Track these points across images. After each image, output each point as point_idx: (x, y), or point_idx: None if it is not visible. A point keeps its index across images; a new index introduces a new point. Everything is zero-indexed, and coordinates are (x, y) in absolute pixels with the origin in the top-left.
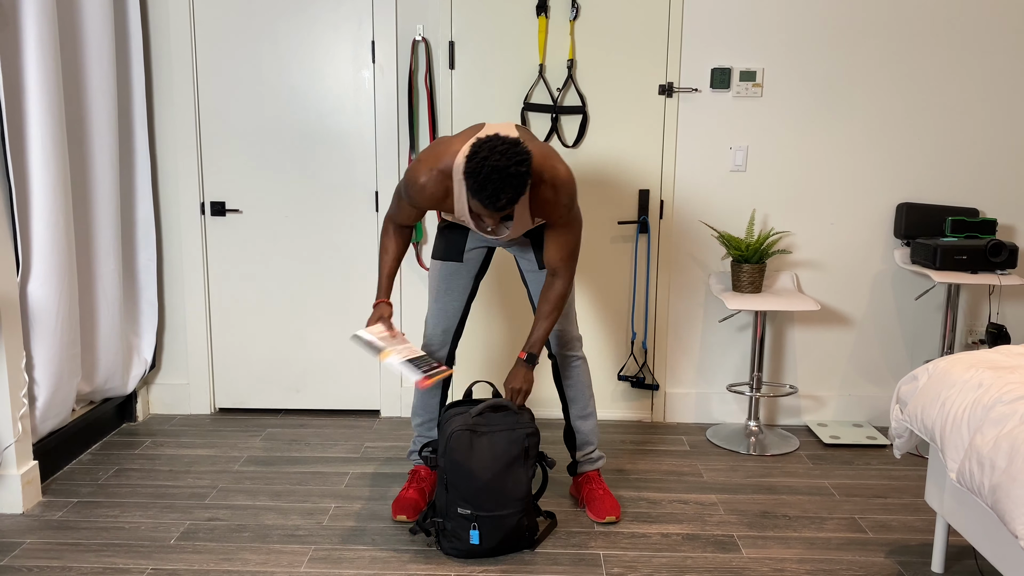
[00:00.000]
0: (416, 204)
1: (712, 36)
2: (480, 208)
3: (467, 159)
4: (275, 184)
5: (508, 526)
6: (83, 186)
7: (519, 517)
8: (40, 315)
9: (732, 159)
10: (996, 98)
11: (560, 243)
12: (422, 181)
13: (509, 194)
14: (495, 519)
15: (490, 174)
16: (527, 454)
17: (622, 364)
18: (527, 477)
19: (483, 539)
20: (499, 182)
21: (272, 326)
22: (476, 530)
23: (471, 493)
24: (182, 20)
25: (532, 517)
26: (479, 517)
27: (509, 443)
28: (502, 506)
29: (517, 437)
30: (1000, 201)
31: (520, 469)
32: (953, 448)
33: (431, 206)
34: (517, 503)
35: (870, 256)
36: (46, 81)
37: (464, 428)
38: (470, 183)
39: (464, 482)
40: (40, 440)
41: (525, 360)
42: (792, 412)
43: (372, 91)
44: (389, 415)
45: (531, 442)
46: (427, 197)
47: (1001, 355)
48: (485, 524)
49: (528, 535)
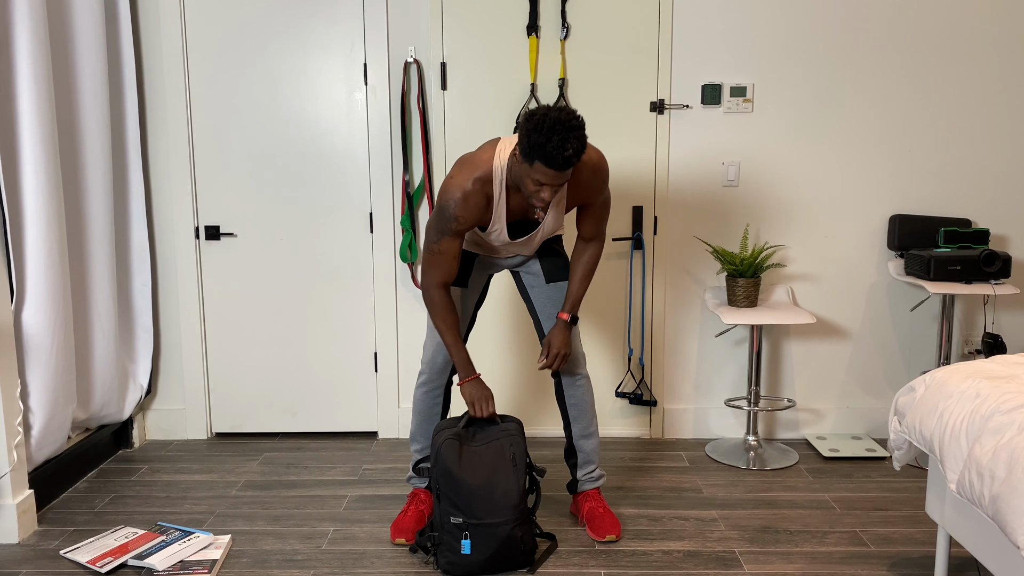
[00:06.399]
0: (463, 224)
1: (702, 53)
2: (543, 171)
3: (525, 119)
4: (270, 207)
5: (501, 536)
6: (77, 212)
7: (512, 527)
8: (35, 343)
9: (724, 174)
10: (985, 109)
11: (596, 218)
12: (464, 192)
13: (575, 145)
14: (487, 528)
15: (553, 125)
16: (515, 461)
17: (620, 381)
18: (518, 485)
19: (474, 549)
20: (563, 133)
21: (268, 349)
22: (467, 539)
23: (462, 501)
24: (175, 45)
25: (529, 533)
26: (470, 525)
27: (495, 450)
28: (493, 514)
29: (503, 445)
30: (992, 211)
31: (509, 477)
32: (952, 459)
33: (476, 219)
34: (508, 511)
35: (864, 268)
36: (39, 108)
37: (453, 437)
38: (534, 139)
39: (454, 490)
40: (36, 468)
41: (568, 322)
42: (791, 426)
43: (365, 113)
44: (387, 436)
45: (517, 450)
46: (472, 208)
47: (997, 365)
48: (477, 533)
49: (525, 553)
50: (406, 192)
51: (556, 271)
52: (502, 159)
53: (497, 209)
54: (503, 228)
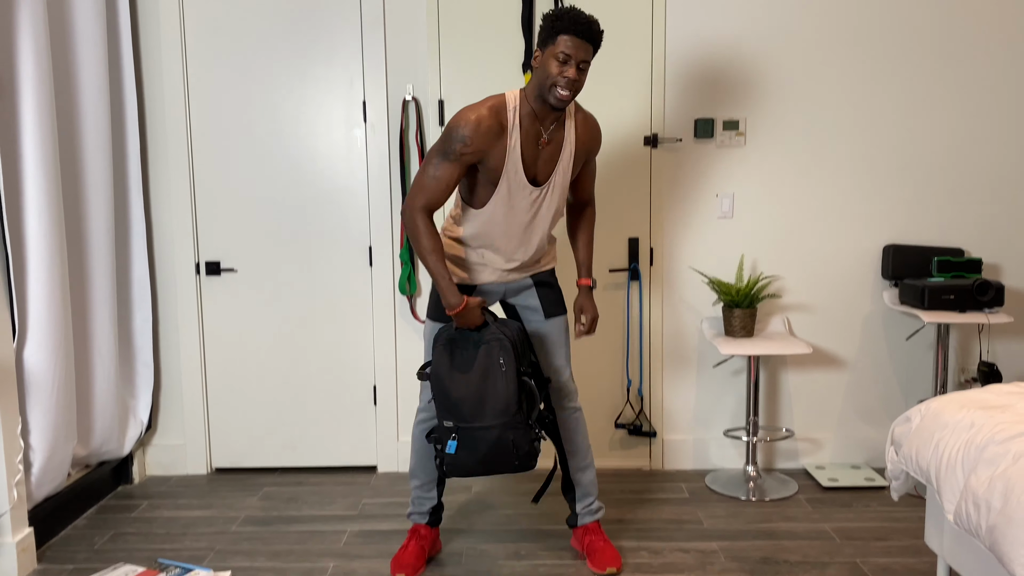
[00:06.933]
0: (470, 147)
1: (694, 88)
2: (566, 43)
3: (543, 19)
4: (270, 242)
5: (489, 439)
6: (79, 248)
7: (500, 431)
8: (36, 380)
9: (719, 206)
10: (975, 139)
11: (591, 174)
12: (478, 116)
13: (594, 19)
14: (475, 431)
15: (571, 9)
16: (503, 366)
17: (619, 411)
18: (507, 390)
19: (463, 450)
20: (581, 12)
21: (267, 383)
22: (454, 440)
23: (451, 405)
24: (176, 81)
25: (524, 438)
26: (460, 429)
27: (484, 353)
28: (479, 418)
29: (492, 348)
30: (984, 240)
31: (498, 381)
32: (949, 490)
33: (486, 145)
34: (495, 416)
35: (859, 298)
36: (43, 148)
37: (447, 341)
38: (554, 18)
39: (444, 395)
40: (35, 506)
41: (591, 287)
42: (790, 455)
43: (364, 149)
44: (386, 470)
45: (505, 355)
46: (484, 132)
47: (992, 394)
48: (466, 436)
49: (522, 457)
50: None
51: (553, 306)
52: (514, 94)
53: (512, 138)
54: (519, 165)
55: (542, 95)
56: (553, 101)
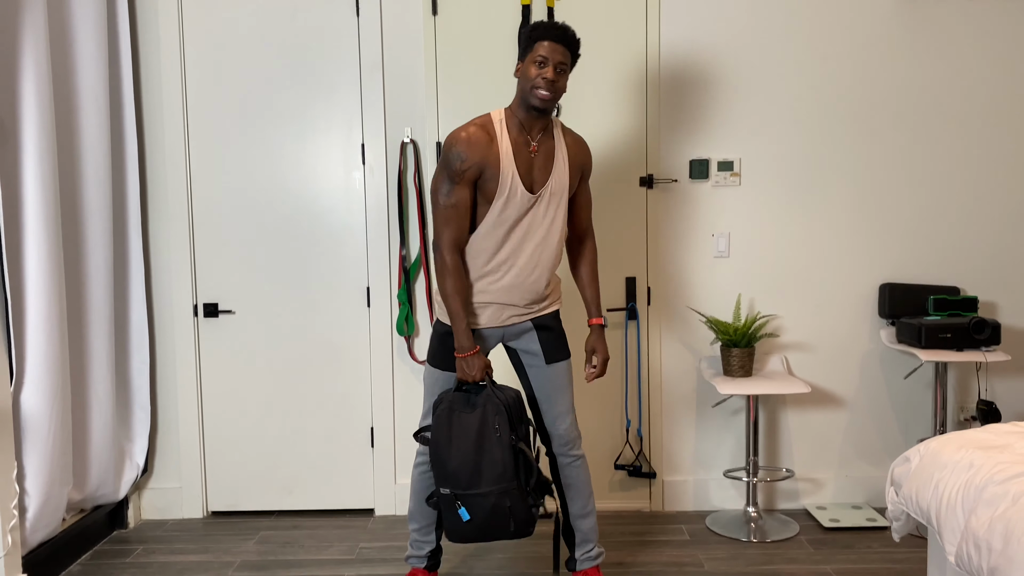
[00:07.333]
0: (469, 163)
1: (688, 129)
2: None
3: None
4: (268, 284)
5: (486, 506)
6: (78, 291)
7: (497, 498)
8: (33, 424)
9: (715, 246)
10: (970, 178)
11: (587, 202)
12: (467, 134)
13: (567, 25)
14: (471, 498)
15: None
16: (498, 432)
17: (618, 452)
18: (502, 456)
19: (457, 516)
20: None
21: (264, 425)
22: (463, 508)
23: (448, 474)
24: (176, 125)
25: (521, 503)
26: (458, 495)
27: (479, 417)
28: (476, 484)
29: (487, 412)
30: (979, 278)
31: (494, 447)
32: (950, 531)
33: (481, 155)
34: (494, 482)
35: (857, 336)
36: (43, 191)
37: (448, 406)
38: (530, 31)
39: (441, 464)
40: (30, 552)
41: (602, 326)
42: (790, 496)
43: (363, 191)
44: (384, 513)
45: (501, 420)
46: (475, 144)
47: (991, 434)
48: (466, 502)
49: (519, 524)
50: (403, 266)
51: (556, 352)
52: (500, 111)
53: (502, 144)
54: (513, 168)
55: (525, 100)
56: (535, 102)
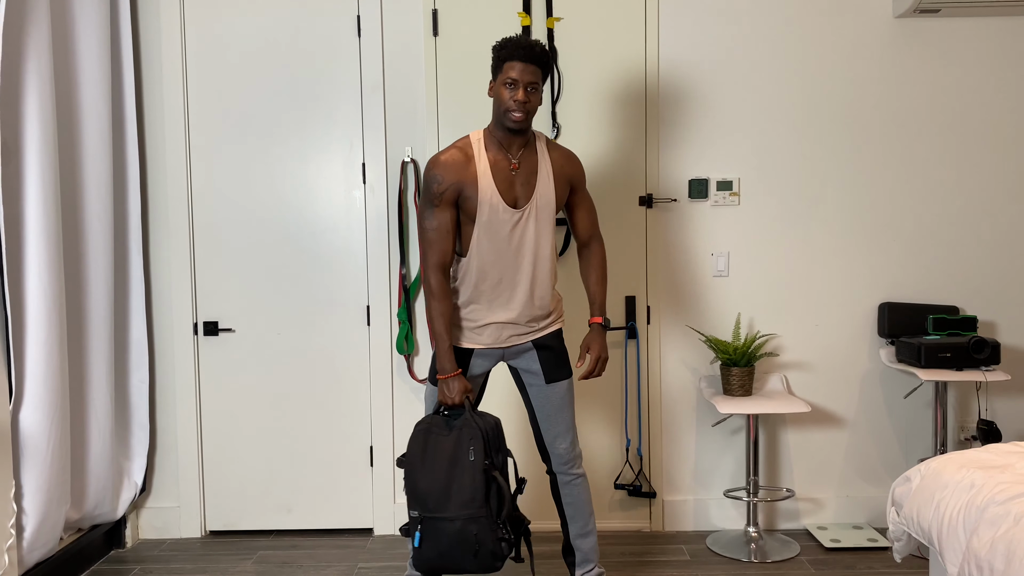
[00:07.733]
0: (446, 183)
1: (687, 149)
2: (512, 67)
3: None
4: (268, 302)
5: (451, 532)
6: (78, 310)
7: (463, 524)
8: (31, 443)
9: (714, 265)
10: (970, 198)
11: (587, 209)
12: (444, 157)
13: (536, 42)
14: (437, 522)
15: (516, 36)
16: (472, 456)
17: (618, 472)
18: (472, 483)
19: (425, 543)
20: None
21: (263, 444)
22: (419, 532)
23: (419, 495)
24: (178, 143)
25: (490, 535)
26: (424, 519)
27: (454, 441)
28: (443, 508)
29: (462, 437)
30: (978, 298)
31: (464, 471)
32: (951, 551)
33: (457, 175)
34: (462, 507)
35: (857, 356)
36: (45, 209)
37: (425, 428)
38: (499, 51)
39: (412, 484)
40: (26, 572)
41: (602, 325)
42: (791, 516)
43: (363, 210)
44: (382, 533)
45: (475, 445)
46: (451, 165)
47: (991, 454)
48: (428, 526)
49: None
50: (403, 285)
51: (556, 371)
52: (478, 132)
53: (479, 164)
54: (492, 186)
55: (500, 122)
56: (510, 124)
